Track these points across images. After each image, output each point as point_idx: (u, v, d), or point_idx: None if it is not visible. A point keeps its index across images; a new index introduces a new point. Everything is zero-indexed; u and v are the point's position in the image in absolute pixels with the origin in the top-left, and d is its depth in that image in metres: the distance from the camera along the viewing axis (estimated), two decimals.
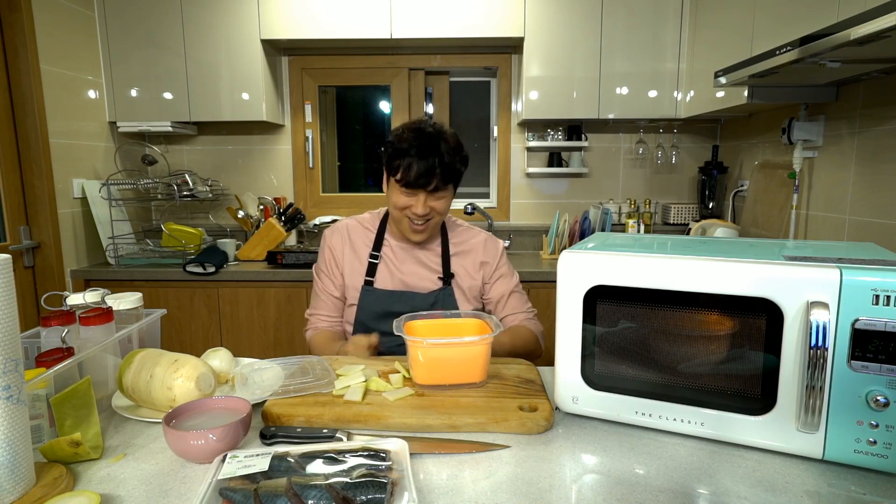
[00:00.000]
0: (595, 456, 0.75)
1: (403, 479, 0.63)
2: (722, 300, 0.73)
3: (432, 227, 1.32)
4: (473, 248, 1.44)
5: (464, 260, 1.43)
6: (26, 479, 0.63)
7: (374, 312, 1.37)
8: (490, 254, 1.45)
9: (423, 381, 0.92)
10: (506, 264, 1.47)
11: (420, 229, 1.31)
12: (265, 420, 0.83)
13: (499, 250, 1.47)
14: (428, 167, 1.21)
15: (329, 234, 1.45)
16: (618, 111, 2.61)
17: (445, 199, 1.29)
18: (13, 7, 2.17)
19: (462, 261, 1.42)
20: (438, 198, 1.27)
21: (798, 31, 1.38)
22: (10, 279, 0.61)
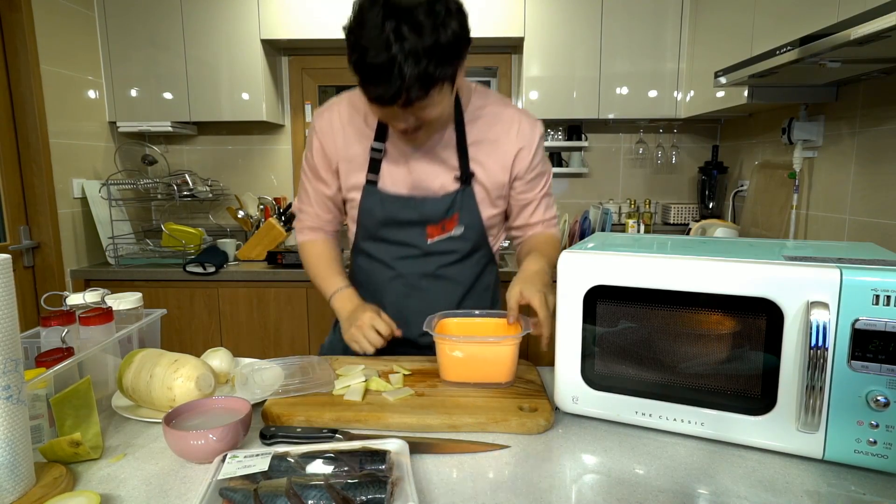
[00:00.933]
0: (595, 456, 0.75)
1: (403, 479, 0.63)
2: (722, 300, 0.73)
3: (428, 132, 1.04)
4: (500, 137, 1.12)
5: (487, 151, 1.12)
6: (26, 479, 0.63)
7: (379, 219, 1.14)
8: (525, 146, 1.12)
9: (451, 378, 0.93)
10: (541, 158, 1.17)
11: (411, 139, 1.04)
12: (265, 420, 0.83)
13: (535, 139, 1.13)
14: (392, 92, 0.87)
15: (318, 118, 1.15)
16: (618, 111, 2.61)
17: (433, 107, 0.94)
18: (13, 7, 2.17)
19: (485, 152, 1.12)
20: (421, 108, 0.93)
21: (798, 31, 1.38)
22: (10, 279, 0.61)
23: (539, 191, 1.19)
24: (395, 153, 1.11)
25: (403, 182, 1.12)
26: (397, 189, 1.12)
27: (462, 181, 1.11)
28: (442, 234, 1.15)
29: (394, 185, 1.12)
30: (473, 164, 1.11)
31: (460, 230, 1.15)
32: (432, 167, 1.11)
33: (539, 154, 1.16)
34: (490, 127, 1.12)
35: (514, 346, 0.91)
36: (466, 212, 1.13)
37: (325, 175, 1.17)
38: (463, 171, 1.11)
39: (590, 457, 0.74)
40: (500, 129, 1.12)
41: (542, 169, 1.18)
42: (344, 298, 1.17)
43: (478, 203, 1.13)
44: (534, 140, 1.13)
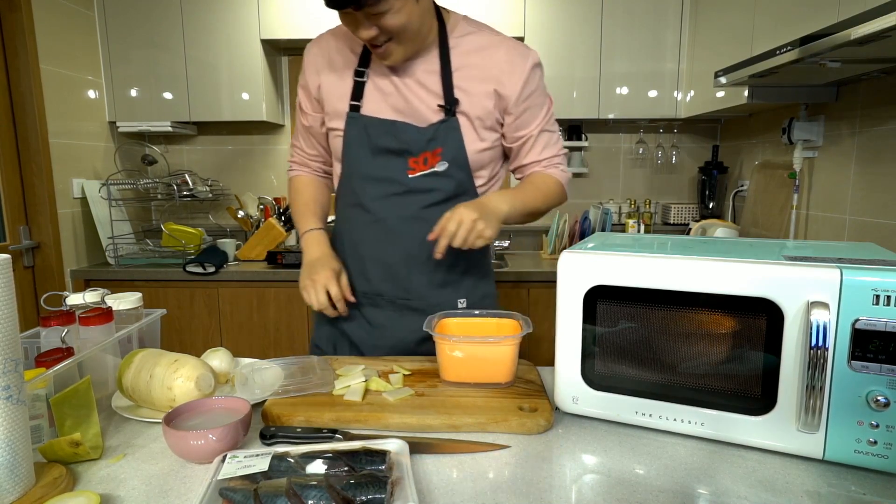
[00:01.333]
0: (595, 456, 0.75)
1: (403, 479, 0.63)
2: (722, 300, 0.73)
3: (399, 47, 0.99)
4: (487, 62, 1.06)
5: (473, 77, 1.06)
6: (26, 480, 0.63)
7: (362, 149, 1.09)
8: (514, 71, 1.05)
9: (451, 378, 0.93)
10: (536, 89, 1.08)
11: (380, 53, 1.00)
12: (265, 420, 0.83)
13: (526, 66, 1.06)
14: None
15: (306, 52, 1.15)
16: (618, 111, 2.61)
17: (392, 14, 0.92)
18: (13, 7, 2.17)
19: (470, 79, 1.06)
20: (378, 14, 0.92)
21: (798, 31, 1.38)
22: (10, 279, 0.61)
23: (535, 126, 1.11)
24: (379, 77, 1.08)
25: (387, 106, 1.07)
26: (380, 113, 1.07)
27: (446, 111, 1.05)
28: (424, 169, 1.08)
29: (377, 109, 1.08)
30: (458, 91, 1.05)
31: (444, 166, 1.08)
32: (415, 93, 1.06)
33: (532, 84, 1.08)
34: (477, 52, 1.06)
35: (514, 346, 0.91)
36: (450, 145, 1.07)
37: (306, 105, 1.16)
38: (447, 99, 1.05)
39: (590, 457, 0.74)
40: (488, 55, 1.06)
41: (537, 101, 1.09)
42: (311, 241, 1.15)
43: (462, 135, 1.06)
44: (525, 67, 1.06)
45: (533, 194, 1.10)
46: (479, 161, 1.10)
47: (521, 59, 1.06)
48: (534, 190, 1.11)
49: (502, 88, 1.06)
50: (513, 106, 1.07)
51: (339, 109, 1.10)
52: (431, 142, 1.06)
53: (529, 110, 1.09)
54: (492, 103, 1.07)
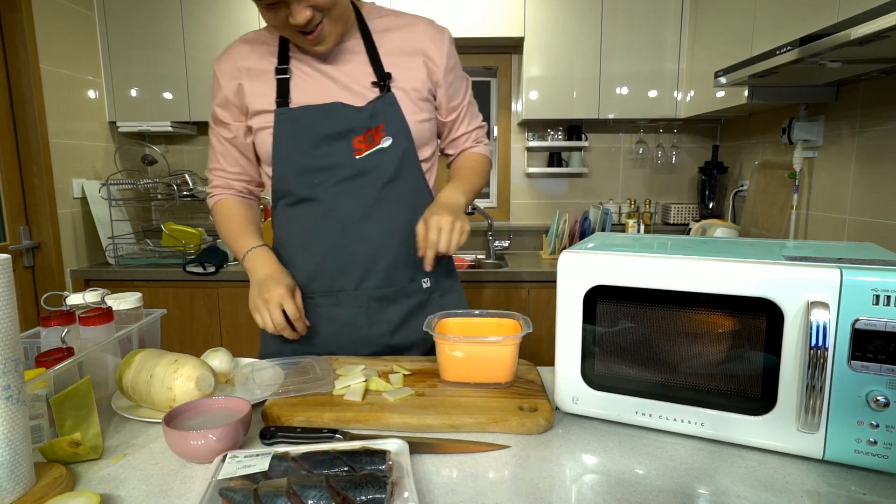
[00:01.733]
0: (595, 456, 0.75)
1: (403, 479, 0.63)
2: (722, 300, 0.73)
3: (332, 27, 1.00)
4: (410, 36, 1.11)
5: (400, 52, 1.10)
6: (26, 479, 0.63)
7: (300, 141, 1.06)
8: (437, 43, 1.11)
9: (451, 378, 0.93)
10: (456, 61, 1.15)
11: (314, 38, 0.99)
12: (265, 420, 0.83)
13: (445, 39, 1.12)
14: None
15: (216, 64, 1.11)
16: (618, 111, 2.61)
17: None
18: (13, 7, 2.17)
19: (398, 53, 1.09)
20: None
21: (798, 31, 1.38)
22: (10, 279, 0.61)
23: (462, 97, 1.18)
24: (304, 70, 1.07)
25: (318, 93, 1.06)
26: (313, 101, 1.06)
27: (380, 87, 1.06)
28: (371, 147, 1.06)
29: (308, 98, 1.06)
30: (388, 67, 1.08)
31: (388, 141, 1.07)
32: (346, 76, 1.07)
33: (454, 55, 1.14)
34: (397, 30, 1.11)
35: (514, 346, 0.91)
36: (392, 120, 1.07)
37: (224, 115, 1.11)
38: (379, 76, 1.07)
39: (590, 457, 0.74)
40: (408, 30, 1.11)
41: (460, 73, 1.17)
42: (257, 259, 1.10)
43: (402, 109, 1.07)
44: (444, 39, 1.12)
45: (474, 177, 1.17)
46: (421, 133, 1.11)
47: (440, 33, 1.12)
48: (472, 173, 1.18)
49: (429, 60, 1.10)
50: (442, 77, 1.12)
51: (265, 110, 1.06)
52: (373, 118, 1.06)
53: (457, 81, 1.16)
54: (423, 74, 1.10)
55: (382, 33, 1.10)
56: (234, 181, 1.17)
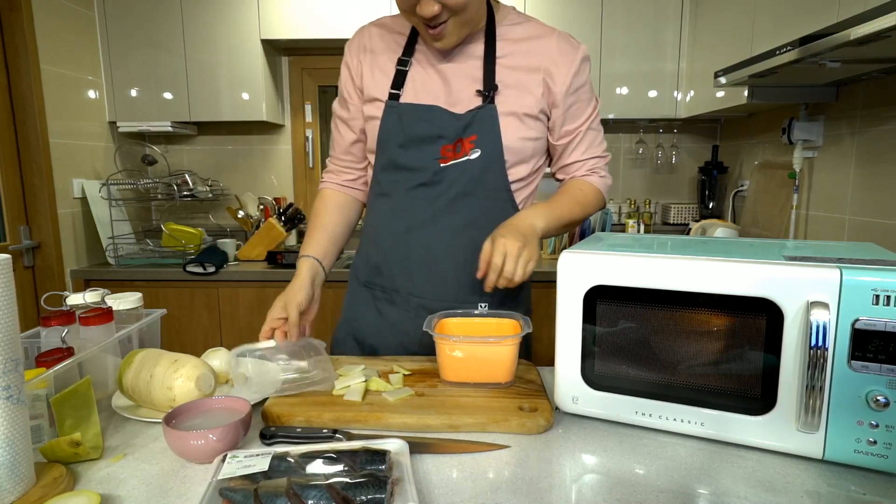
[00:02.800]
0: (595, 456, 0.75)
1: (403, 479, 0.63)
2: (722, 300, 0.73)
3: (457, 27, 0.97)
4: (536, 50, 1.04)
5: (520, 66, 1.04)
6: (26, 479, 0.63)
7: (395, 137, 1.06)
8: (564, 61, 1.03)
9: (451, 378, 0.93)
10: (586, 82, 1.06)
11: (436, 34, 0.97)
12: (265, 420, 0.83)
13: (576, 58, 1.03)
14: None
15: (349, 41, 1.14)
16: (618, 111, 2.61)
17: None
18: (13, 7, 2.17)
19: (517, 67, 1.04)
20: None
21: (798, 31, 1.38)
22: (10, 279, 0.61)
23: (583, 122, 1.08)
24: (423, 65, 1.06)
25: (426, 93, 1.05)
26: (417, 100, 1.05)
27: (484, 97, 1.02)
28: (457, 157, 1.04)
29: (415, 97, 1.05)
30: (501, 78, 1.03)
31: (477, 153, 1.03)
32: (457, 79, 1.04)
33: (582, 76, 1.05)
34: (525, 41, 1.04)
35: (514, 346, 0.91)
36: (486, 133, 1.02)
37: (348, 95, 1.13)
38: (487, 85, 1.02)
39: (590, 457, 0.74)
40: (538, 44, 1.04)
41: (585, 96, 1.06)
42: (298, 267, 1.11)
43: (500, 123, 1.02)
44: (575, 58, 1.03)
45: (569, 205, 1.06)
46: (519, 151, 1.05)
47: (572, 50, 1.04)
48: (569, 200, 1.06)
49: (551, 78, 1.03)
50: (562, 98, 1.04)
51: (379, 97, 1.07)
52: (467, 128, 1.02)
53: (578, 104, 1.06)
54: (540, 91, 1.03)
55: (510, 42, 1.05)
56: (342, 170, 1.20)
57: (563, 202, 1.06)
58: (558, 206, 1.04)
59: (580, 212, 1.07)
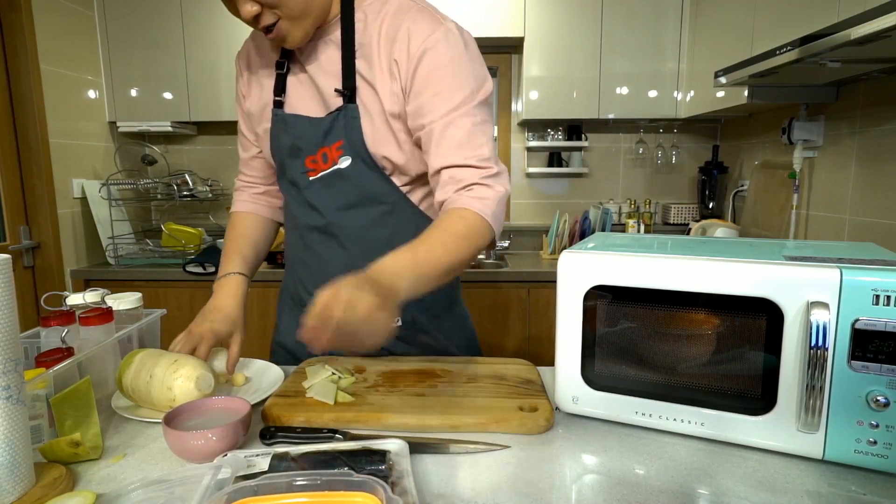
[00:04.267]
0: (595, 456, 0.75)
1: (403, 479, 0.63)
2: (722, 300, 0.73)
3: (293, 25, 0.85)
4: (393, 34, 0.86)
5: (376, 54, 0.88)
6: (26, 480, 0.63)
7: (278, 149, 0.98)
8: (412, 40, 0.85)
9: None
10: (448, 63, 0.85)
11: (272, 37, 0.86)
12: (265, 420, 0.83)
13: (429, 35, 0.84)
14: None
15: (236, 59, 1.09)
16: (618, 111, 2.61)
17: None
18: (13, 7, 2.17)
19: (374, 56, 0.88)
20: None
21: (798, 31, 1.38)
22: (10, 279, 0.61)
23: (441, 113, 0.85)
24: (295, 67, 0.95)
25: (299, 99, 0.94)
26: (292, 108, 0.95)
27: (344, 96, 0.88)
28: (325, 168, 0.93)
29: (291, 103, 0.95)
30: (362, 72, 0.88)
31: (347, 161, 0.91)
32: (320, 79, 0.91)
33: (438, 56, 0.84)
34: (385, 23, 0.88)
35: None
36: (350, 137, 0.89)
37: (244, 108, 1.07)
38: (345, 81, 0.88)
39: (590, 457, 0.74)
40: (393, 24, 0.87)
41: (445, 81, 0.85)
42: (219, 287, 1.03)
43: (363, 126, 0.88)
44: (425, 35, 0.84)
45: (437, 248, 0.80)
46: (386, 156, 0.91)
47: (425, 26, 0.85)
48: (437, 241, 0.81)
49: (398, 64, 0.86)
50: (407, 81, 0.86)
51: (265, 107, 1.00)
52: (328, 135, 0.90)
53: (432, 91, 0.85)
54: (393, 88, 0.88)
55: (370, 27, 0.89)
56: (248, 185, 1.17)
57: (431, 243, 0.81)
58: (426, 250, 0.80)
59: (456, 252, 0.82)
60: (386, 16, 0.89)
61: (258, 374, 1.02)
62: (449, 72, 0.86)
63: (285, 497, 0.56)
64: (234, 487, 0.58)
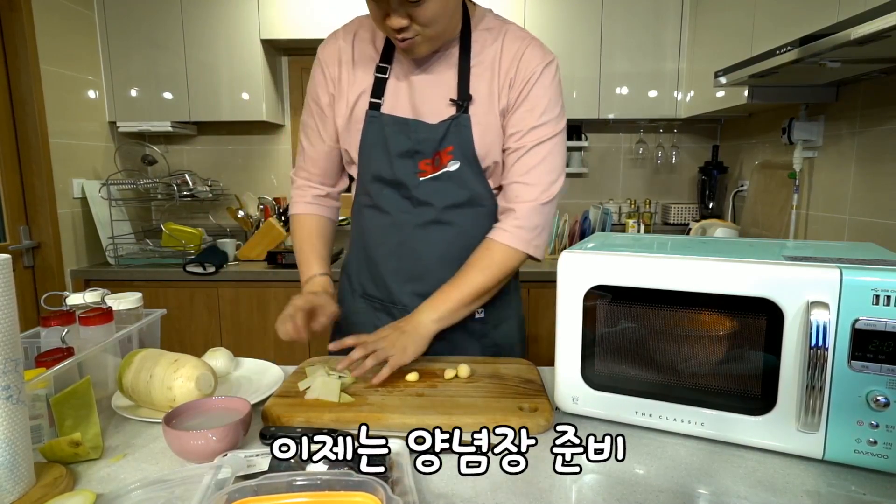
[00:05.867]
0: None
1: (403, 479, 0.63)
2: (722, 300, 0.73)
3: (427, 40, 0.94)
4: (501, 57, 1.00)
5: (488, 74, 1.00)
6: (26, 480, 0.63)
7: (379, 150, 1.03)
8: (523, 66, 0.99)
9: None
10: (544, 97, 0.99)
11: (405, 46, 0.94)
12: (265, 420, 0.83)
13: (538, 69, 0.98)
14: None
15: (322, 49, 1.08)
16: (618, 111, 2.61)
17: (432, 4, 0.87)
18: (13, 7, 2.17)
19: (485, 75, 1.00)
20: (415, 4, 0.87)
21: (798, 31, 1.38)
22: (10, 279, 0.61)
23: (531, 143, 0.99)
24: (399, 73, 1.02)
25: (404, 103, 1.02)
26: (397, 111, 1.02)
27: (458, 106, 0.99)
28: (436, 171, 1.02)
29: (394, 107, 1.02)
30: (475, 86, 0.99)
31: (456, 165, 1.01)
32: (431, 88, 1.01)
33: (541, 89, 0.99)
34: (496, 47, 1.00)
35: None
36: (460, 143, 1.00)
37: (324, 103, 1.08)
38: (460, 93, 0.99)
39: None
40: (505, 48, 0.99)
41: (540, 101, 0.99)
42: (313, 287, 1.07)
43: (473, 134, 0.99)
44: (535, 69, 0.98)
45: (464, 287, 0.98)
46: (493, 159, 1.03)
47: (536, 60, 0.99)
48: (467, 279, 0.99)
49: (511, 85, 0.99)
50: (510, 110, 1.00)
51: (359, 105, 1.04)
52: (443, 140, 1.00)
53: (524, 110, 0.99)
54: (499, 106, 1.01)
55: (484, 49, 1.01)
56: (312, 186, 1.16)
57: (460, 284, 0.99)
58: (455, 293, 0.98)
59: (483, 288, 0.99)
60: (504, 40, 1.01)
61: (258, 374, 1.02)
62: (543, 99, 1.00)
63: (285, 497, 0.56)
64: (234, 487, 0.58)
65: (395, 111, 1.02)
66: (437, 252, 1.06)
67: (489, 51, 1.01)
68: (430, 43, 0.95)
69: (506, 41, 1.00)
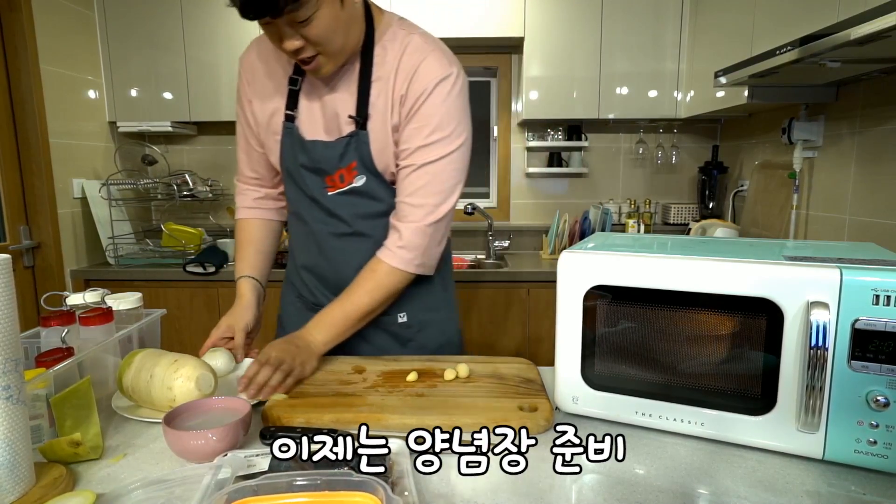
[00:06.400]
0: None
1: (403, 479, 0.63)
2: (722, 300, 0.73)
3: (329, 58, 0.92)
4: (399, 70, 0.95)
5: (385, 88, 0.97)
6: (26, 480, 0.63)
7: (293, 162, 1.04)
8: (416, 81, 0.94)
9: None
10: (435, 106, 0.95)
11: (309, 68, 0.93)
12: (265, 420, 0.83)
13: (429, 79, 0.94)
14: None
15: (242, 55, 1.10)
16: (618, 111, 2.61)
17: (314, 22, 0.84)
18: (13, 7, 2.17)
19: (383, 90, 0.97)
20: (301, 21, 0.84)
21: (798, 31, 1.38)
22: (10, 279, 0.61)
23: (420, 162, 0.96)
24: (309, 87, 1.01)
25: (315, 118, 1.02)
26: (304, 126, 1.02)
27: (357, 122, 0.97)
28: (342, 186, 1.02)
29: (305, 120, 1.02)
30: (374, 101, 0.97)
31: (362, 180, 1.01)
32: (336, 104, 0.99)
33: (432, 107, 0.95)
34: (395, 60, 0.96)
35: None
36: (362, 159, 0.99)
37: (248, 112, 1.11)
38: (358, 110, 0.97)
39: None
40: (403, 62, 0.95)
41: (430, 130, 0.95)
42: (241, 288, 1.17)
43: (372, 151, 0.98)
44: (427, 84, 0.94)
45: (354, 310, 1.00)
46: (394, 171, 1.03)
47: (430, 71, 0.95)
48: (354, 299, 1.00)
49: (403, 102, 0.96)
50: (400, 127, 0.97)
51: (275, 119, 1.05)
52: (343, 157, 1.00)
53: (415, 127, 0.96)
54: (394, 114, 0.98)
55: (386, 61, 0.98)
56: (250, 189, 1.21)
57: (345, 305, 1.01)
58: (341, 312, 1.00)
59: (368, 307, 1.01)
60: (404, 53, 0.97)
61: None
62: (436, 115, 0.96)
63: (285, 497, 0.56)
64: (234, 487, 0.58)
65: (305, 125, 1.03)
66: (354, 262, 1.05)
67: (389, 64, 0.97)
68: (333, 60, 0.93)
69: (405, 54, 0.97)
